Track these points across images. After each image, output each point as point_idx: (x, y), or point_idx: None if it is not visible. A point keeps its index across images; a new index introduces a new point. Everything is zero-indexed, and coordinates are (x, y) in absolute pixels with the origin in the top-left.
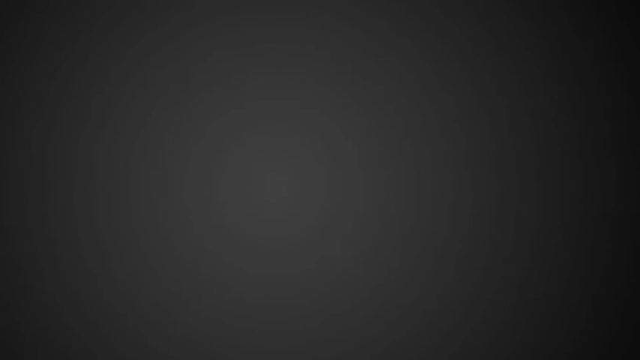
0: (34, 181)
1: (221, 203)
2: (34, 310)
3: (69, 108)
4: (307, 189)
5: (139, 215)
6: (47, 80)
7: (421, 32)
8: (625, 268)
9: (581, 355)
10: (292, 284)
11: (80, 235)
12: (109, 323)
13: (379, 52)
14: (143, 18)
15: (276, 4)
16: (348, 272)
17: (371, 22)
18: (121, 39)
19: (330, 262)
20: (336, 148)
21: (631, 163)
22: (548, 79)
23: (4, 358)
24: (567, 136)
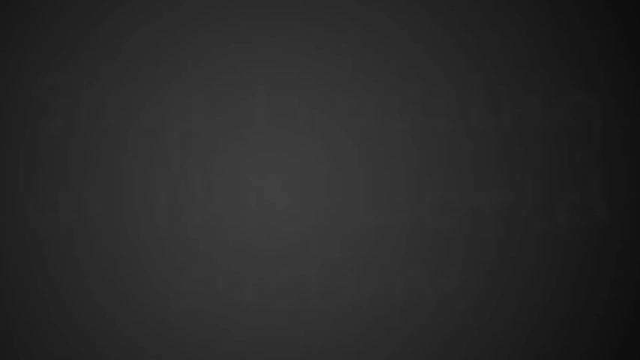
0: (23, 178)
1: (218, 204)
2: (23, 311)
3: (59, 104)
4: (307, 189)
5: (133, 216)
6: (37, 76)
7: (422, 27)
8: (636, 269)
9: None
10: (291, 287)
11: (71, 236)
12: (99, 326)
13: (379, 48)
14: (135, 12)
15: None
16: (348, 275)
17: (371, 17)
18: (113, 34)
19: (329, 264)
20: (336, 147)
21: None
22: (556, 74)
23: None
24: (576, 132)
